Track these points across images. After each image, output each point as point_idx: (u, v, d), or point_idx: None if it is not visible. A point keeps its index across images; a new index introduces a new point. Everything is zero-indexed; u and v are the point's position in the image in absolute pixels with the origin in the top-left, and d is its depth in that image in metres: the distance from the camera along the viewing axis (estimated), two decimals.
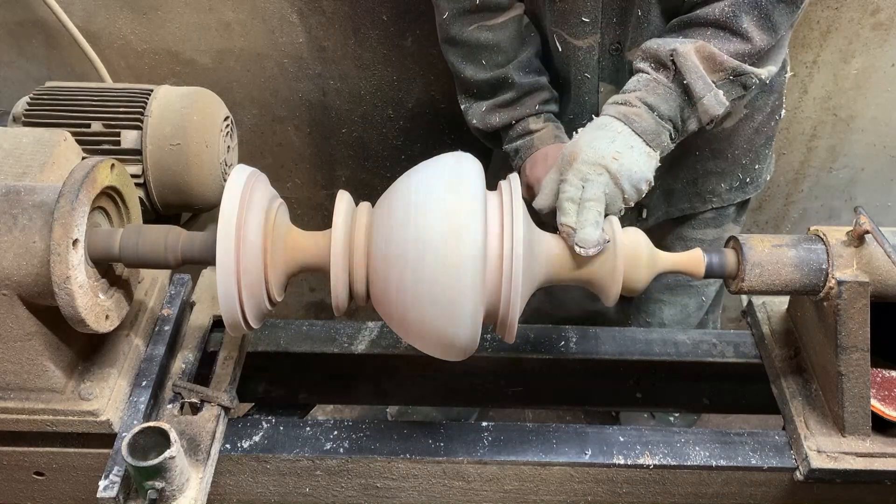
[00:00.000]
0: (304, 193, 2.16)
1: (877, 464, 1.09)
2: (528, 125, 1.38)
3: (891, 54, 1.89)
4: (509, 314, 0.97)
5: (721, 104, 1.19)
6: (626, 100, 1.17)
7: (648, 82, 1.18)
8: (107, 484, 0.99)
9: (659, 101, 1.17)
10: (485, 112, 1.41)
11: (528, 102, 1.38)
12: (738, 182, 1.58)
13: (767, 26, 1.19)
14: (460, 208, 0.93)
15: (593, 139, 1.12)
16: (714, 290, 1.79)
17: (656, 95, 1.17)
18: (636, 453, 1.13)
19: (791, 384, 1.19)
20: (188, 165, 1.34)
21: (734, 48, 1.18)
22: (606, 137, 1.12)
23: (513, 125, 1.39)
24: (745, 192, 1.60)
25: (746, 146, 1.53)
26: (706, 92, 1.17)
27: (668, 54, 1.16)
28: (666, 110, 1.17)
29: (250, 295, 0.97)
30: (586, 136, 1.13)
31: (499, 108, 1.40)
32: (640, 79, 1.19)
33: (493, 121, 1.40)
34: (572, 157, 1.10)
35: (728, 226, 1.66)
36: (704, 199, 1.59)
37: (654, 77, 1.18)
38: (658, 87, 1.17)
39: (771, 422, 1.28)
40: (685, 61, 1.16)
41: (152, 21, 1.80)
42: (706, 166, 1.53)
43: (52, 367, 1.03)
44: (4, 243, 0.94)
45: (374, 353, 1.29)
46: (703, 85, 1.17)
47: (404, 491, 1.17)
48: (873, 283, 1.03)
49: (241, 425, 1.15)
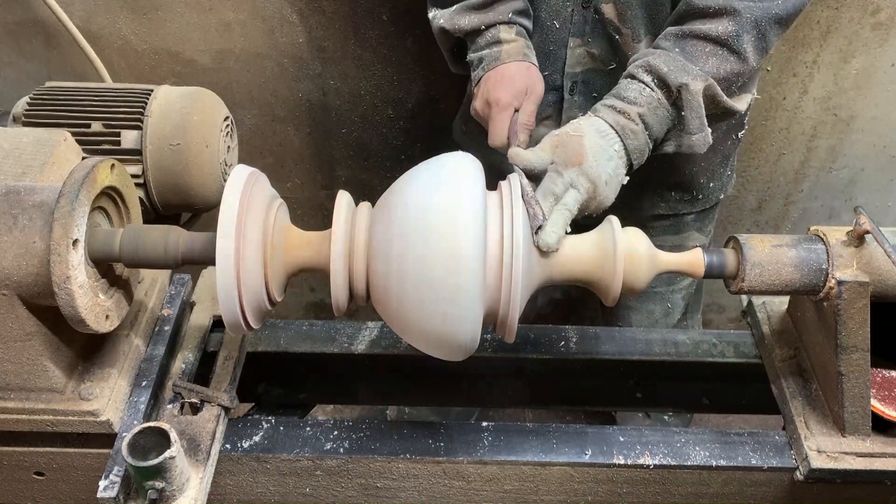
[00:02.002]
0: (304, 193, 2.16)
1: (877, 464, 1.09)
2: (498, 33, 1.30)
3: (891, 54, 1.89)
4: (509, 314, 0.97)
5: (706, 143, 1.21)
6: (626, 110, 1.15)
7: (651, 101, 1.16)
8: (107, 484, 0.99)
9: (655, 123, 1.16)
10: (454, 12, 1.33)
11: (501, 8, 1.31)
12: (690, 197, 1.58)
13: (762, 47, 1.20)
14: (460, 208, 0.93)
15: (598, 149, 1.11)
16: (681, 296, 1.77)
17: (655, 116, 1.16)
18: (636, 453, 1.13)
19: (791, 384, 1.19)
20: (188, 165, 1.34)
21: (731, 68, 1.19)
22: (607, 155, 1.12)
23: (482, 31, 1.31)
24: (692, 206, 1.60)
25: (704, 164, 1.53)
26: (699, 131, 1.19)
27: (677, 85, 1.15)
28: (657, 132, 1.17)
29: (250, 295, 0.97)
30: (590, 139, 1.11)
31: (470, 9, 1.32)
32: (644, 92, 1.17)
33: (462, 22, 1.32)
34: (577, 158, 1.08)
35: (690, 233, 1.65)
36: (652, 203, 1.59)
37: (657, 97, 1.16)
38: (659, 109, 1.17)
39: (771, 422, 1.28)
40: (692, 99, 1.16)
41: (152, 21, 1.80)
42: (662, 177, 1.52)
43: (52, 367, 1.03)
44: (4, 243, 0.94)
45: (374, 353, 1.29)
46: (698, 124, 1.18)
47: (404, 491, 1.17)
48: (873, 283, 1.03)
49: (241, 425, 1.15)
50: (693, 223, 1.65)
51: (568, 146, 1.10)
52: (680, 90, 1.16)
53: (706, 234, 1.71)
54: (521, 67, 1.28)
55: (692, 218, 1.64)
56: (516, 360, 1.31)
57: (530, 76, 1.28)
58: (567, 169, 1.08)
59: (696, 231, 1.66)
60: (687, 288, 1.77)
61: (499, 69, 1.28)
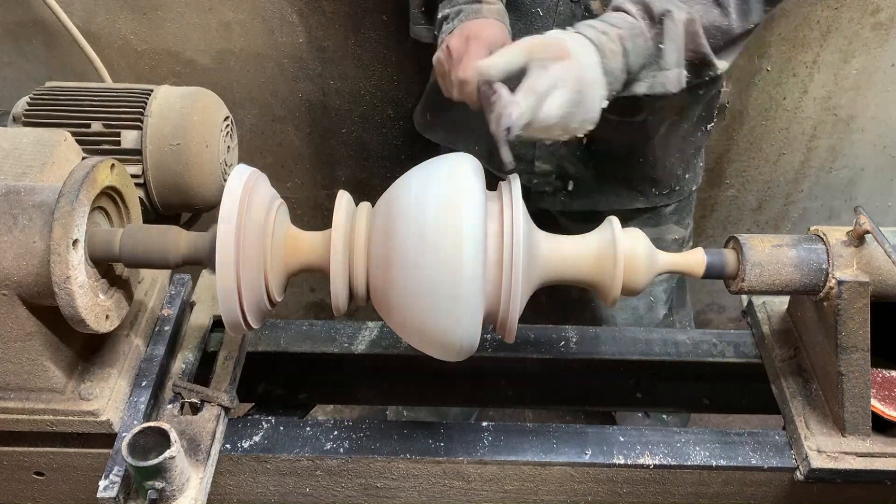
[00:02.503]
0: (304, 193, 2.16)
1: (877, 464, 1.09)
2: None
3: (891, 54, 1.89)
4: (509, 314, 0.97)
5: (680, 84, 1.17)
6: (606, 31, 1.12)
7: (633, 27, 1.13)
8: (107, 484, 0.99)
9: (633, 50, 1.13)
10: None
11: None
12: (668, 189, 1.60)
13: (744, 10, 1.19)
14: (460, 208, 0.93)
15: (581, 47, 1.06)
16: (662, 289, 1.77)
17: (634, 43, 1.13)
18: (636, 453, 1.13)
19: (791, 384, 1.19)
20: (188, 165, 1.34)
21: (713, 19, 1.17)
22: (591, 60, 1.07)
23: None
24: (668, 198, 1.62)
25: (679, 155, 1.54)
26: (675, 66, 1.15)
27: (661, 11, 1.13)
28: (633, 61, 1.13)
29: (250, 295, 0.97)
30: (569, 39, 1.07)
31: None
32: (627, 19, 1.14)
33: None
34: (563, 53, 1.03)
35: (668, 226, 1.67)
36: (632, 198, 1.60)
37: (640, 26, 1.14)
38: (639, 37, 1.13)
39: (771, 422, 1.28)
40: (674, 28, 1.13)
41: (152, 21, 1.80)
42: (644, 170, 1.54)
43: (52, 367, 1.03)
44: (4, 243, 0.94)
45: (374, 353, 1.29)
46: (676, 58, 1.15)
47: (404, 491, 1.17)
48: (873, 283, 1.03)
49: (241, 425, 1.15)
50: (671, 216, 1.66)
51: (549, 44, 1.05)
52: (663, 18, 1.13)
53: (685, 226, 1.72)
54: (502, 27, 1.23)
55: (670, 210, 1.65)
56: (516, 360, 1.31)
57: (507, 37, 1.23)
58: (553, 64, 1.03)
59: (675, 224, 1.67)
60: (667, 281, 1.78)
61: (480, 20, 1.23)
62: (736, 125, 2.03)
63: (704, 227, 2.28)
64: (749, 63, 1.90)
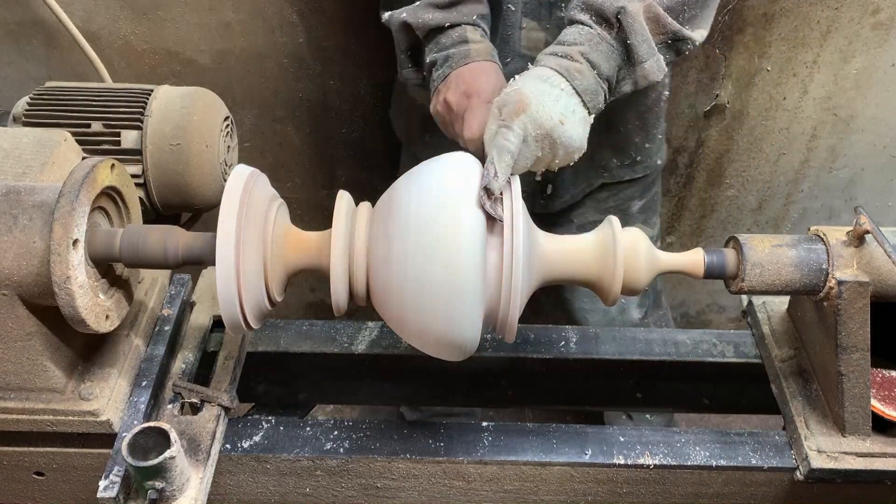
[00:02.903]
0: (304, 193, 2.16)
1: (877, 464, 1.09)
2: (465, 33, 1.25)
3: (891, 54, 1.89)
4: (509, 314, 0.97)
5: (661, 70, 1.16)
6: (567, 53, 1.12)
7: (591, 37, 1.13)
8: (107, 484, 0.99)
9: (601, 59, 1.12)
10: (418, 8, 1.27)
11: (465, 10, 1.27)
12: (630, 160, 1.59)
13: None
14: (460, 209, 0.93)
15: (540, 93, 1.07)
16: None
17: (598, 52, 1.12)
18: (636, 453, 1.13)
19: (791, 384, 1.19)
20: (188, 165, 1.34)
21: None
22: (552, 95, 1.08)
23: (446, 29, 1.26)
24: (634, 171, 1.61)
25: (638, 122, 1.54)
26: (649, 56, 1.14)
27: (614, 11, 1.12)
28: (606, 69, 1.13)
29: (250, 295, 0.97)
30: (531, 86, 1.08)
31: (435, 7, 1.27)
32: (582, 32, 1.14)
33: (426, 17, 1.26)
34: (521, 107, 1.04)
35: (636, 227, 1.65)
36: (598, 174, 1.59)
37: (597, 32, 1.13)
38: (601, 45, 1.13)
39: (771, 422, 1.28)
40: (633, 22, 1.12)
41: (152, 21, 1.80)
42: (601, 139, 1.49)
43: (52, 367, 1.03)
44: (4, 243, 0.94)
45: (374, 353, 1.29)
46: (647, 49, 1.14)
47: (404, 491, 1.17)
48: (873, 283, 1.03)
49: (241, 425, 1.15)
50: (638, 216, 1.67)
51: (509, 101, 1.06)
52: (619, 16, 1.12)
53: (652, 225, 1.72)
54: (494, 68, 1.25)
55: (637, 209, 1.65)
56: (516, 360, 1.31)
57: (501, 78, 1.25)
58: (515, 119, 1.04)
59: (643, 224, 1.67)
60: None
61: (472, 65, 1.24)
62: (736, 125, 2.03)
63: (704, 227, 2.28)
64: (749, 63, 1.91)
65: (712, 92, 1.96)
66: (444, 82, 1.24)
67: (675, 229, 2.30)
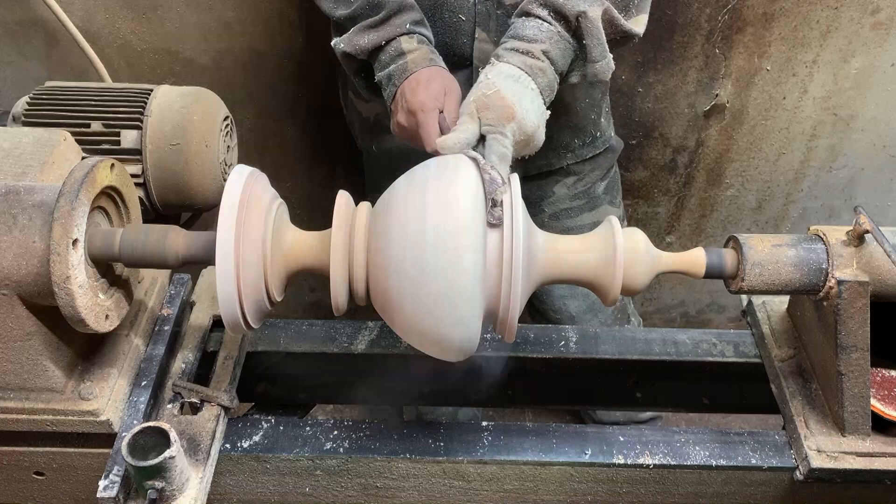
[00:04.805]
0: (304, 193, 2.16)
1: (877, 463, 1.09)
2: (400, 45, 1.27)
3: (891, 54, 1.89)
4: (509, 314, 0.97)
5: (610, 69, 1.21)
6: (529, 50, 1.15)
7: (552, 35, 1.17)
8: (107, 484, 0.99)
9: (558, 56, 1.17)
10: (352, 34, 1.30)
11: (397, 22, 1.28)
12: (590, 137, 1.63)
13: None
14: (460, 208, 0.93)
15: (519, 96, 1.10)
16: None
17: (557, 50, 1.16)
18: (636, 453, 1.13)
19: (791, 384, 1.19)
20: (188, 165, 1.34)
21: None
22: (527, 97, 1.12)
23: (383, 47, 1.28)
24: (595, 147, 1.65)
25: (589, 100, 1.57)
26: (602, 58, 1.19)
27: (575, 14, 1.16)
28: (562, 65, 1.18)
29: (250, 295, 0.97)
30: (507, 88, 1.10)
31: (367, 28, 1.29)
32: (542, 28, 1.17)
33: (361, 42, 1.28)
34: (509, 114, 1.07)
35: (604, 207, 1.70)
36: (560, 155, 1.62)
37: (556, 30, 1.17)
38: (561, 42, 1.17)
39: (771, 422, 1.28)
40: (591, 27, 1.16)
41: (152, 21, 1.80)
42: (559, 121, 1.54)
43: (52, 367, 1.03)
44: (4, 243, 0.94)
45: (374, 353, 1.29)
46: (601, 51, 1.18)
47: (404, 491, 1.17)
48: (873, 282, 1.03)
49: (241, 425, 1.15)
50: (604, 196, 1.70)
51: (492, 105, 1.09)
52: (579, 19, 1.16)
53: (617, 205, 1.76)
54: (432, 71, 1.26)
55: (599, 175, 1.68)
56: (516, 360, 1.31)
57: (443, 77, 1.26)
58: (506, 125, 1.07)
59: (608, 204, 1.72)
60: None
61: (411, 78, 1.25)
62: (736, 125, 2.03)
63: (704, 226, 2.28)
64: (749, 63, 1.91)
65: (712, 91, 1.96)
66: (394, 102, 1.27)
67: (674, 229, 2.30)
